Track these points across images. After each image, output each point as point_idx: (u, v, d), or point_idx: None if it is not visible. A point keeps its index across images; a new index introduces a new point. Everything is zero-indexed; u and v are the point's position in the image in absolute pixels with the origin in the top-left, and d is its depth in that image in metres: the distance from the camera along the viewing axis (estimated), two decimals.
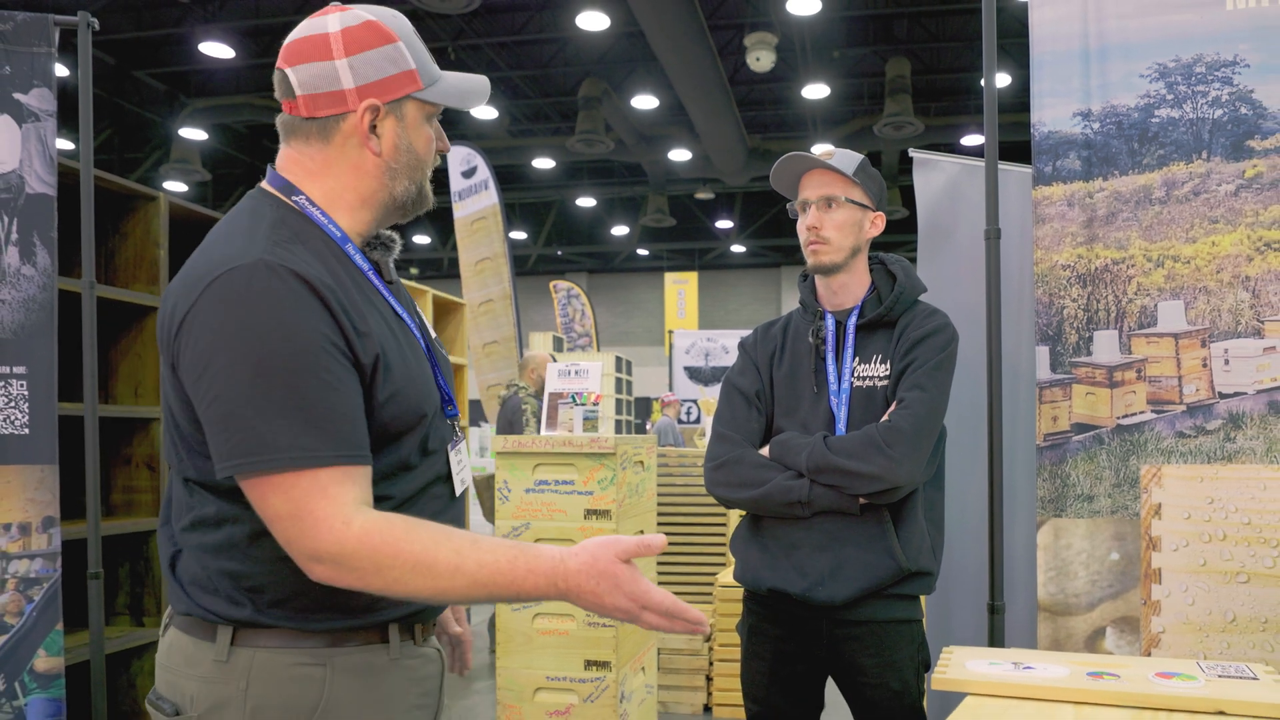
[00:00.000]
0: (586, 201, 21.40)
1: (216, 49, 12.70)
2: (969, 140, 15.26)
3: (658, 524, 4.37)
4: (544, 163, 17.67)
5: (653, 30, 10.90)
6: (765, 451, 2.16)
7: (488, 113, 15.36)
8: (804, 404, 2.18)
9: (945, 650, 1.83)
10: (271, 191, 1.37)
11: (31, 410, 2.80)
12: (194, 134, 15.47)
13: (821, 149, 2.22)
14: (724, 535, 5.31)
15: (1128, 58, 2.52)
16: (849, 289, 2.22)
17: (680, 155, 16.70)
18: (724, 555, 5.30)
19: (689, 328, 19.47)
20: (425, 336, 1.46)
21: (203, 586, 1.30)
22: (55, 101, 2.88)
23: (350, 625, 1.31)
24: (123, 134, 16.64)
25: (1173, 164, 2.48)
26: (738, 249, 24.22)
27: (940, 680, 1.66)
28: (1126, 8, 2.53)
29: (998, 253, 2.62)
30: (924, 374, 2.06)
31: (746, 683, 2.23)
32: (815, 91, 14.15)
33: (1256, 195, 2.40)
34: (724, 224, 22.83)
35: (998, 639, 2.55)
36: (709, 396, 15.30)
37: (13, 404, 2.79)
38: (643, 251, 24.77)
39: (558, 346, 12.92)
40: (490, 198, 9.40)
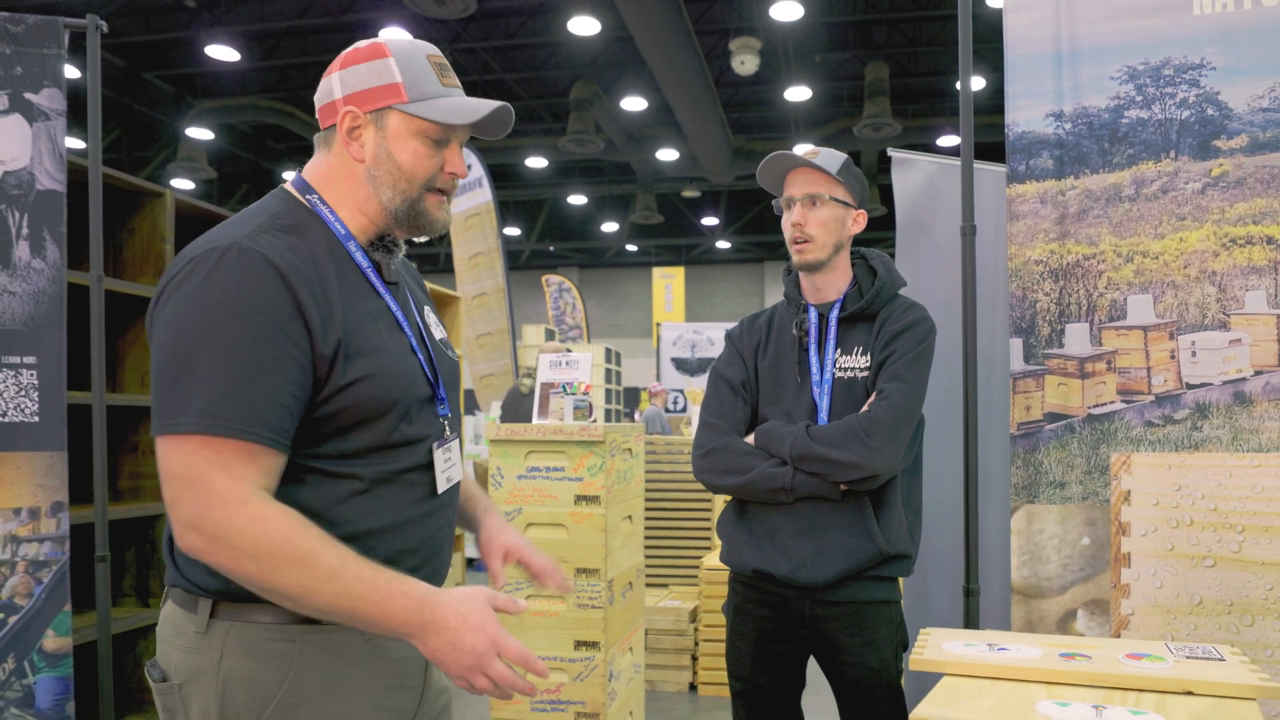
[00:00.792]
0: (578, 199, 21.41)
1: (222, 52, 12.71)
2: (945, 141, 15.28)
3: (646, 509, 4.41)
4: (536, 162, 17.72)
5: (641, 35, 10.98)
6: (751, 439, 2.19)
7: None
8: (787, 394, 2.21)
9: (922, 632, 1.85)
10: (290, 190, 1.45)
11: (41, 399, 2.83)
12: (200, 134, 15.51)
13: (806, 148, 2.24)
14: (709, 519, 5.36)
15: (1099, 61, 2.56)
16: (832, 283, 2.24)
17: (668, 155, 16.76)
18: (710, 538, 5.35)
19: (676, 320, 19.58)
20: (423, 336, 1.50)
21: (188, 558, 1.33)
22: (65, 101, 2.92)
23: None
24: (132, 133, 16.63)
25: (1142, 163, 2.52)
26: (723, 245, 24.28)
27: (917, 661, 1.68)
28: (1097, 12, 2.56)
29: (973, 248, 2.64)
30: (903, 365, 2.10)
31: (731, 661, 2.27)
32: (797, 94, 14.24)
33: (1222, 193, 2.44)
34: (710, 221, 22.87)
35: (973, 621, 2.58)
36: (695, 386, 15.44)
37: (23, 393, 2.82)
38: (632, 247, 24.84)
39: (549, 338, 13.02)
40: (484, 195, 9.47)
